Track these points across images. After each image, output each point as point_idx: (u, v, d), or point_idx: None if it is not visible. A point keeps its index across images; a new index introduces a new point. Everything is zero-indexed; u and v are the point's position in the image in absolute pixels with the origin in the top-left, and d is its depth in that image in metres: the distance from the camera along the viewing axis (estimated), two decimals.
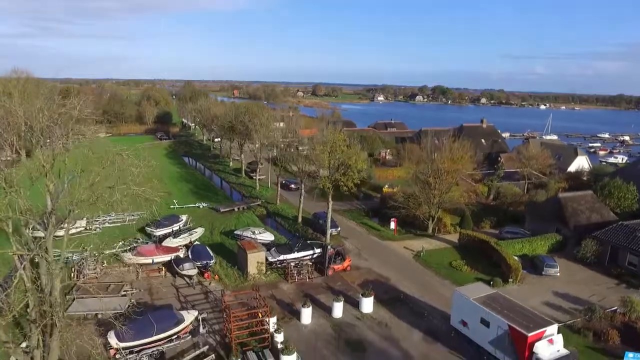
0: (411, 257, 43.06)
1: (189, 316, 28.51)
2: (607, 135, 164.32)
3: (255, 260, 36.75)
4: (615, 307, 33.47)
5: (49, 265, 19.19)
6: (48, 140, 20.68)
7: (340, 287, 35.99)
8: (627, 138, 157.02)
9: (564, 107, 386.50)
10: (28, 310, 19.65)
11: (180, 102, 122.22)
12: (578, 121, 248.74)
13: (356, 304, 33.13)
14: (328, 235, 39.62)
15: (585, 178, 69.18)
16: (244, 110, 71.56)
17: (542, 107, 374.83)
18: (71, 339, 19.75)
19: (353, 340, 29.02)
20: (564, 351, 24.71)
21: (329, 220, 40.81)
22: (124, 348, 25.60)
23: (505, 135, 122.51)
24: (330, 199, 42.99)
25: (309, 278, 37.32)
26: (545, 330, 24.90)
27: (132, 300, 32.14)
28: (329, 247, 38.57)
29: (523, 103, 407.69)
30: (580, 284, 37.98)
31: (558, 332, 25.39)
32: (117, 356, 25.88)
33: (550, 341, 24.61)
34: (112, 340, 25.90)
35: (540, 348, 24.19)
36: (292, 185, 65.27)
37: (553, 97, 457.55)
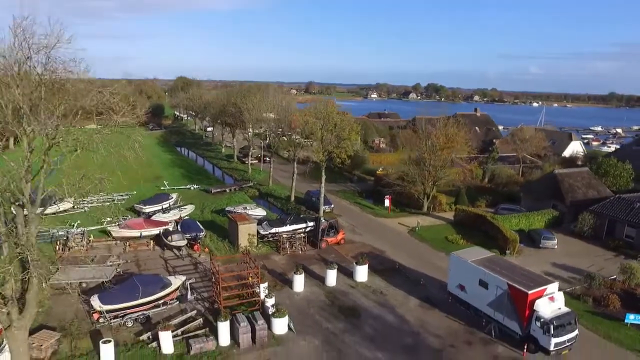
0: (406, 232, 42.24)
1: (177, 281, 27.43)
2: (599, 128, 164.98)
3: (246, 232, 35.69)
4: (614, 276, 32.88)
5: (25, 206, 18.05)
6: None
7: (333, 259, 34.91)
8: (619, 130, 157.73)
9: (556, 105, 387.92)
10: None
11: (173, 92, 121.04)
12: (570, 117, 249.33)
13: (350, 274, 32.22)
14: (321, 210, 38.71)
15: (580, 162, 68.88)
16: (236, 94, 70.47)
17: (535, 104, 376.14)
18: (45, 274, 18.53)
19: (347, 307, 28.06)
20: (565, 309, 23.93)
21: (322, 194, 39.91)
22: (108, 311, 24.45)
23: (499, 128, 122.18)
24: (323, 174, 42.15)
25: (301, 250, 36.35)
26: (546, 288, 24.10)
27: (118, 270, 31.04)
28: (322, 220, 37.61)
29: (516, 101, 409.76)
30: (578, 256, 37.32)
31: (559, 291, 24.62)
32: (101, 320, 24.73)
33: (551, 299, 23.81)
34: (95, 302, 24.75)
35: (541, 306, 23.37)
36: (267, 158, 65.95)
37: (545, 95, 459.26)
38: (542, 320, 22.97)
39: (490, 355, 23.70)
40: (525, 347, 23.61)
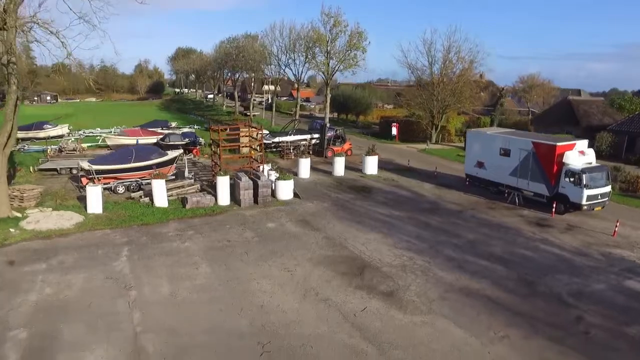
0: (415, 151, 40.33)
1: (173, 153, 25.50)
2: None
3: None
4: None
5: None
6: None
7: None
8: None
9: None
10: None
11: (174, 60, 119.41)
12: None
13: (359, 171, 30.28)
14: (327, 118, 36.73)
15: None
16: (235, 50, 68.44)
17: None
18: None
19: (357, 186, 26.16)
20: (597, 164, 21.96)
21: (327, 110, 37.97)
22: (97, 171, 22.42)
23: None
24: (328, 92, 40.20)
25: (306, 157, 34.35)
26: (575, 143, 22.11)
27: None
28: (327, 128, 35.64)
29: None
30: None
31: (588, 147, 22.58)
32: (90, 185, 22.73)
33: (582, 152, 21.80)
34: (84, 164, 22.81)
35: (571, 158, 21.34)
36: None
37: None
38: (572, 172, 20.94)
39: (516, 215, 21.67)
40: (554, 207, 21.57)
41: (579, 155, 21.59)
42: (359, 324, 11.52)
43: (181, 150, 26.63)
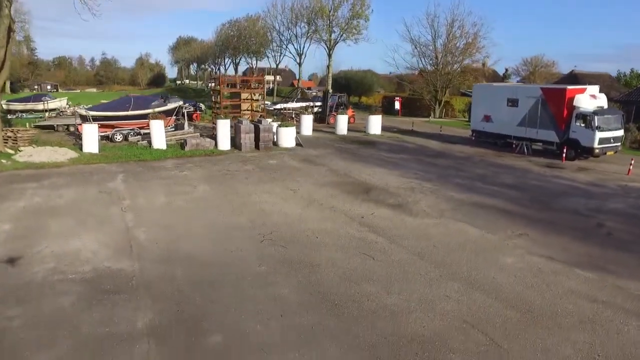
0: (420, 121, 39.62)
1: (173, 103, 24.88)
2: None
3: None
4: None
5: None
6: None
7: None
8: None
9: None
10: None
11: (175, 50, 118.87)
12: None
13: (362, 132, 29.60)
14: (329, 84, 36.08)
15: None
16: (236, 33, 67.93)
17: None
18: None
19: (361, 141, 25.48)
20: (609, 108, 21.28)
21: (330, 75, 37.30)
22: (94, 118, 21.75)
23: None
24: (331, 62, 39.58)
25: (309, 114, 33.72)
26: (586, 88, 21.42)
27: None
28: (329, 95, 35.00)
29: None
30: None
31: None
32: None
33: (593, 96, 21.11)
34: (81, 110, 22.19)
35: (582, 101, 20.61)
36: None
37: None
38: (583, 115, 20.21)
39: (525, 160, 20.95)
40: (564, 152, 20.84)
41: (590, 98, 20.90)
42: (368, 223, 10.83)
43: (181, 102, 26.00)
